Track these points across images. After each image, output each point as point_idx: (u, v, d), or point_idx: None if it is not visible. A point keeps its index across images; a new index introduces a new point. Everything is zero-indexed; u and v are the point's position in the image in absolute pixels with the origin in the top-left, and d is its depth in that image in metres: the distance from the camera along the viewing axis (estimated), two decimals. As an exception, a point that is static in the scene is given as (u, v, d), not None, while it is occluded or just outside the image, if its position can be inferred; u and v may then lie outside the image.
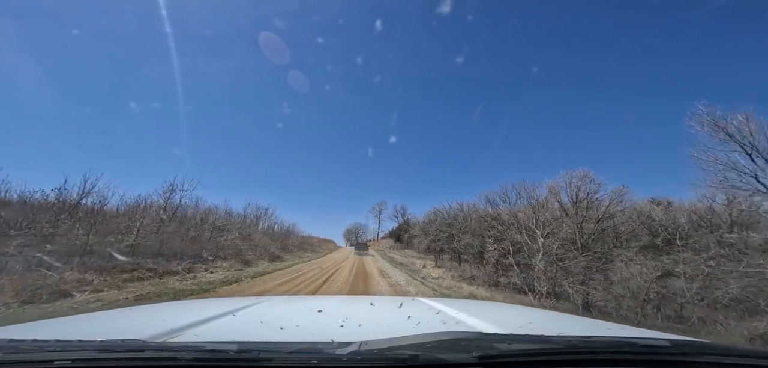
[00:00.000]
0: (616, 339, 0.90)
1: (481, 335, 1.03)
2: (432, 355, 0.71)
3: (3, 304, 5.29)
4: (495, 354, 0.74)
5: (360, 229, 79.92)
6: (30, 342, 0.75)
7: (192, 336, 1.02)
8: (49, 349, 0.70)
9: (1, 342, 0.76)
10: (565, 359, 0.79)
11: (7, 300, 5.40)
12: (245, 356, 0.68)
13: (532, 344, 0.81)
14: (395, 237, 55.34)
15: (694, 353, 0.85)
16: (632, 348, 0.82)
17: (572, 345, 0.81)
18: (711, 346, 0.89)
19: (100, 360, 0.69)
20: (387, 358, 0.70)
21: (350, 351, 0.70)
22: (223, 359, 0.68)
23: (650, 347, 0.84)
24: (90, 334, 0.95)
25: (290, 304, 1.88)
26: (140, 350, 0.71)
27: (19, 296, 5.58)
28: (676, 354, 0.84)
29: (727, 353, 0.85)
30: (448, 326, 1.30)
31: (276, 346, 0.74)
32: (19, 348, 0.72)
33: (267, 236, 26.04)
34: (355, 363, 0.69)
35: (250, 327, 1.24)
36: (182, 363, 0.67)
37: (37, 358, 0.68)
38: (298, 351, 0.72)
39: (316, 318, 1.40)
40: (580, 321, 1.66)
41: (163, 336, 0.99)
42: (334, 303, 1.92)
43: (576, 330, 1.39)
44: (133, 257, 9.42)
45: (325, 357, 0.69)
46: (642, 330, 1.33)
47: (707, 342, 0.93)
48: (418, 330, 1.16)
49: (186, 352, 0.69)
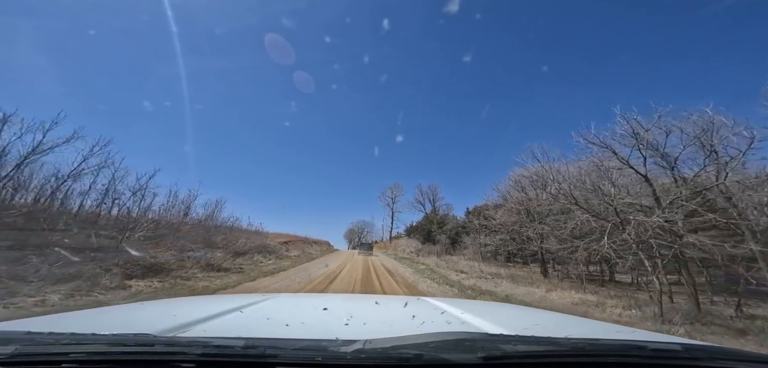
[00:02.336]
0: (625, 343, 0.88)
1: (486, 336, 1.02)
2: (436, 355, 0.71)
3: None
4: (499, 355, 0.73)
5: (365, 227, 66.87)
6: (46, 335, 0.78)
7: (200, 332, 1.04)
8: (64, 342, 0.73)
9: (20, 334, 0.79)
10: (570, 362, 0.78)
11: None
12: (251, 352, 0.70)
13: (537, 346, 0.80)
14: (424, 234, 38.64)
15: (707, 358, 0.83)
16: (642, 352, 0.80)
17: (578, 347, 0.80)
18: (724, 351, 0.87)
19: (112, 353, 0.71)
20: (391, 357, 0.70)
21: (354, 349, 0.71)
22: (230, 354, 0.69)
23: (660, 351, 0.82)
24: (103, 328, 0.98)
25: (296, 302, 1.90)
26: (150, 344, 0.73)
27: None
28: (688, 360, 0.82)
29: (739, 358, 0.82)
30: (452, 326, 1.29)
31: (281, 343, 0.75)
32: (37, 341, 0.75)
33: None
34: (359, 361, 0.69)
35: (257, 324, 1.25)
36: (190, 358, 0.68)
37: (53, 350, 0.71)
38: (303, 348, 0.73)
39: (322, 316, 1.41)
40: (587, 323, 1.63)
41: (172, 331, 1.01)
42: (339, 301, 1.93)
43: (583, 332, 1.37)
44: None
45: (329, 355, 0.70)
46: (653, 333, 1.30)
47: (720, 347, 0.90)
48: (423, 329, 1.16)
49: (194, 347, 0.71)
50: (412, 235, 43.61)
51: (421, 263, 20.77)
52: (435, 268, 17.45)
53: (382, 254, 30.70)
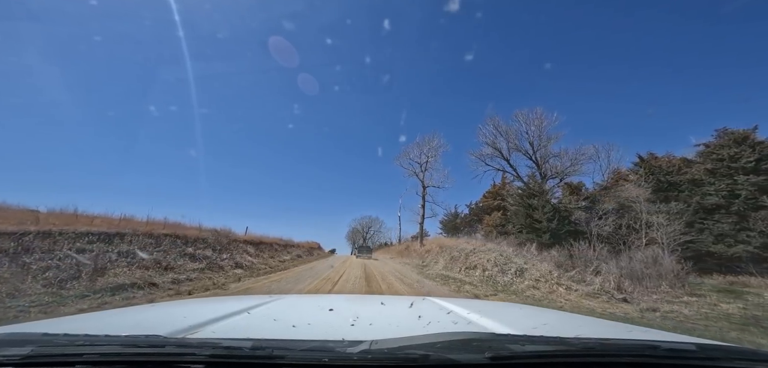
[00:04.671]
0: (637, 342, 0.86)
1: (494, 336, 1.01)
2: (443, 355, 0.71)
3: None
4: (508, 355, 0.72)
5: (372, 225, 55.97)
6: (62, 337, 0.81)
7: (209, 333, 1.06)
8: (78, 343, 0.75)
9: (37, 335, 0.81)
10: (581, 362, 0.76)
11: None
12: (259, 353, 0.70)
13: (546, 346, 0.79)
14: (501, 222, 22.74)
15: (723, 357, 0.81)
16: (655, 352, 0.78)
17: (589, 347, 0.78)
18: (740, 351, 0.84)
19: (125, 354, 0.72)
20: (397, 357, 0.70)
21: (361, 350, 0.71)
22: (238, 356, 0.70)
23: (675, 351, 0.80)
24: (116, 329, 1.01)
25: (303, 303, 1.91)
26: (161, 345, 0.74)
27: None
28: (703, 360, 0.80)
29: (757, 358, 0.80)
30: (459, 326, 1.29)
31: (289, 344, 0.76)
32: (53, 342, 0.77)
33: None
34: (365, 361, 0.69)
35: (264, 325, 1.27)
36: (200, 359, 0.69)
37: (68, 351, 0.73)
38: (310, 349, 0.73)
39: (328, 317, 1.42)
40: (597, 323, 1.60)
41: (182, 333, 1.03)
42: (345, 302, 1.94)
43: (593, 332, 1.34)
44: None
45: (336, 356, 0.70)
46: (666, 333, 1.27)
47: (736, 346, 0.87)
48: (429, 329, 1.15)
49: (204, 348, 0.72)
50: (463, 230, 24.74)
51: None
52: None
53: (415, 273, 15.48)
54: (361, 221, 55.29)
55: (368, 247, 37.33)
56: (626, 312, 7.50)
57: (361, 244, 41.13)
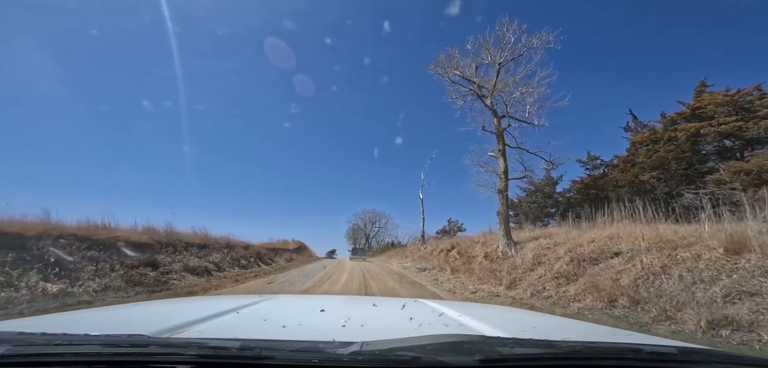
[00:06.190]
0: (621, 346, 0.89)
1: (484, 338, 1.02)
2: (433, 357, 0.71)
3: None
4: (497, 357, 0.73)
5: (377, 219, 44.85)
6: (39, 336, 0.78)
7: (196, 333, 1.03)
8: (56, 342, 0.72)
9: (13, 334, 0.78)
10: (567, 364, 0.78)
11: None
12: (247, 353, 0.69)
13: (535, 348, 0.80)
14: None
15: (704, 361, 0.83)
16: (638, 355, 0.81)
17: (575, 350, 0.80)
18: (720, 354, 0.87)
19: (105, 354, 0.70)
20: (388, 359, 0.70)
21: (351, 351, 0.71)
22: (225, 356, 0.69)
23: (657, 354, 0.82)
24: (97, 329, 0.97)
25: (293, 303, 1.89)
26: (144, 345, 0.72)
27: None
28: (684, 362, 0.82)
29: (737, 362, 0.83)
30: (450, 329, 1.29)
31: (278, 344, 0.75)
32: (29, 341, 0.74)
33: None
34: (355, 363, 0.69)
35: (253, 325, 1.25)
36: (185, 359, 0.68)
37: (45, 351, 0.70)
38: (300, 349, 0.72)
39: (319, 317, 1.40)
40: (585, 326, 1.64)
41: (167, 332, 1.00)
42: (336, 302, 1.93)
43: (580, 335, 1.37)
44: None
45: (326, 357, 0.70)
46: (649, 336, 1.30)
47: (716, 350, 0.90)
48: (421, 332, 1.15)
49: (190, 348, 0.70)
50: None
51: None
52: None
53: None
54: (363, 215, 40.60)
55: (363, 249, 34.56)
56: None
57: (354, 247, 37.11)
